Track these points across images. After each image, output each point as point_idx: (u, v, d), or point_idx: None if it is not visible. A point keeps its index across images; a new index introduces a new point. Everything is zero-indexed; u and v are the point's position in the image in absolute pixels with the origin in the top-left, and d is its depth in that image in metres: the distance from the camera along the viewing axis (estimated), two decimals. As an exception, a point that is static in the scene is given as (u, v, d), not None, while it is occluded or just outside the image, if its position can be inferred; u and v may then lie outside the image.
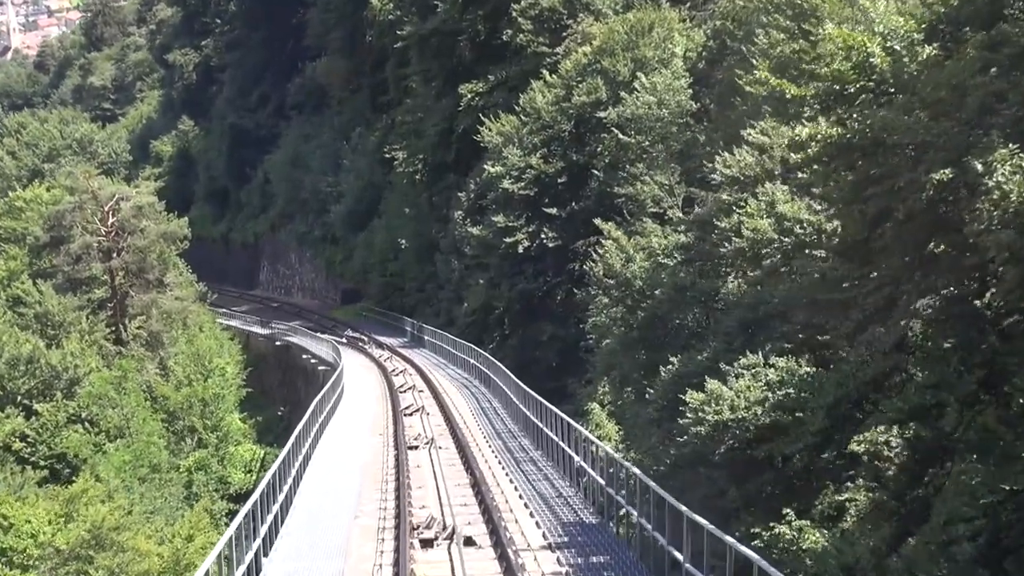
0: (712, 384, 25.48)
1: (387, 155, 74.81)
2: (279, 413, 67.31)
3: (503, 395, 35.17)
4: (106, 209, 63.79)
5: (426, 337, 60.60)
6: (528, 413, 28.14)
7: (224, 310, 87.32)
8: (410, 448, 26.83)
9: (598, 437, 44.57)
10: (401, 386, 41.03)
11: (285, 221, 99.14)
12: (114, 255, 63.28)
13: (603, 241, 35.99)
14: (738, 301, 28.46)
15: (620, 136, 48.55)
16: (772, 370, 26.00)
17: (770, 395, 25.68)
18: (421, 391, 40.29)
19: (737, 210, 27.20)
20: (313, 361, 60.65)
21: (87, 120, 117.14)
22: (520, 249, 52.28)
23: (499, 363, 38.97)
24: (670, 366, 27.97)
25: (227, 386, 61.83)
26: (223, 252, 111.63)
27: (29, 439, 53.11)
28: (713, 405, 25.15)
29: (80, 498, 40.21)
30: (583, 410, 45.45)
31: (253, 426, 67.15)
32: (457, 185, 63.42)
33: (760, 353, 26.27)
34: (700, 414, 25.15)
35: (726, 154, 28.34)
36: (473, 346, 47.68)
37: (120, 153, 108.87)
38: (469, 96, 62.11)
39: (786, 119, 29.99)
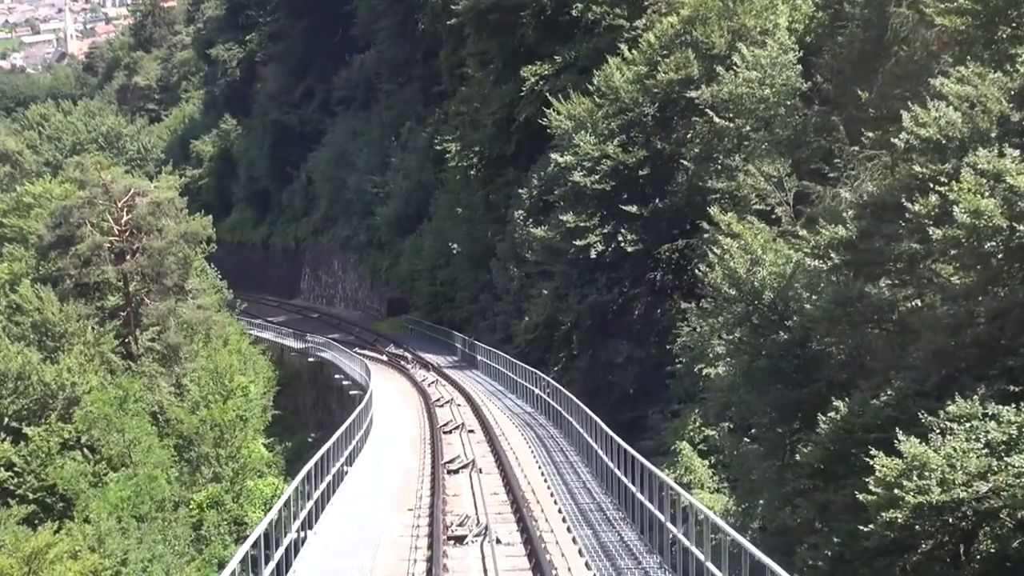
0: (912, 446, 16.87)
1: (438, 147, 66.77)
2: (310, 439, 59.22)
3: (581, 443, 26.33)
4: (119, 205, 56.18)
5: (479, 357, 52.18)
6: (626, 480, 19.18)
7: (259, 321, 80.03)
8: (452, 539, 17.80)
9: (687, 484, 36.29)
10: (446, 424, 32.29)
11: (328, 225, 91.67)
12: (127, 257, 55.64)
13: (720, 239, 27.36)
14: (929, 320, 19.81)
15: (715, 119, 40.27)
16: (995, 424, 17.42)
17: (994, 463, 17.09)
18: (471, 431, 31.38)
19: (936, 187, 18.56)
20: (346, 383, 52.47)
21: (115, 112, 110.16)
22: (593, 254, 44.06)
23: (572, 395, 30.43)
24: (833, 412, 19.32)
25: (251, 408, 53.80)
26: (263, 258, 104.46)
27: (16, 468, 45.71)
28: (916, 478, 16.55)
29: (46, 553, 32.24)
30: (670, 448, 37.46)
31: (282, 453, 59.18)
32: (517, 181, 55.31)
33: (975, 398, 17.69)
34: (896, 491, 16.55)
35: (916, 108, 19.67)
36: (538, 372, 39.25)
37: (151, 149, 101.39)
38: (532, 80, 53.95)
39: (987, 63, 21.37)
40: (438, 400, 38.86)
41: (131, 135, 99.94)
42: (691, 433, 37.55)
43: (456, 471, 23.90)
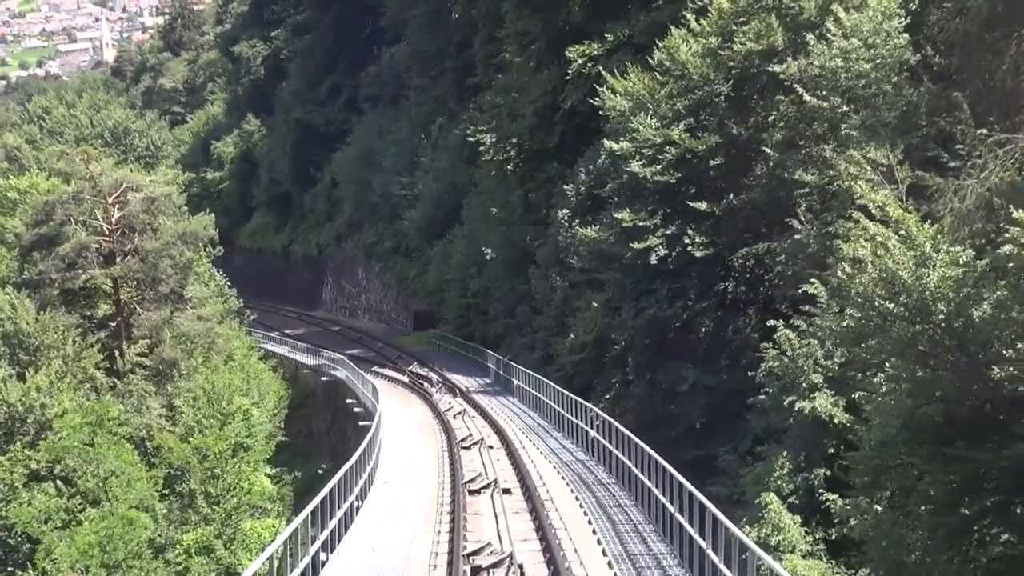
0: None
1: (471, 140, 59.87)
2: (320, 471, 52.18)
3: (664, 518, 18.59)
4: (109, 201, 49.47)
5: (515, 381, 44.88)
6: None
7: (274, 334, 73.31)
8: None
9: (775, 546, 29.17)
10: (473, 479, 24.30)
11: (352, 230, 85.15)
12: (117, 259, 48.90)
13: (870, 227, 20.03)
14: None
15: (805, 97, 33.29)
16: None
17: None
18: (507, 491, 23.05)
19: None
20: (357, 410, 45.34)
21: (123, 106, 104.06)
22: (653, 259, 37.07)
23: (635, 436, 23.20)
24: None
25: (254, 434, 46.76)
26: (283, 266, 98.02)
27: (-29, 504, 39.11)
28: None
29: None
30: (751, 499, 30.42)
31: (290, 484, 52.25)
32: (561, 176, 48.35)
33: None
34: None
35: None
36: (588, 404, 31.94)
37: (161, 146, 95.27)
38: (580, 61, 47.04)
39: None
40: (464, 440, 31.26)
41: (140, 130, 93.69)
42: (777, 481, 30.60)
43: (486, 569, 16.43)
